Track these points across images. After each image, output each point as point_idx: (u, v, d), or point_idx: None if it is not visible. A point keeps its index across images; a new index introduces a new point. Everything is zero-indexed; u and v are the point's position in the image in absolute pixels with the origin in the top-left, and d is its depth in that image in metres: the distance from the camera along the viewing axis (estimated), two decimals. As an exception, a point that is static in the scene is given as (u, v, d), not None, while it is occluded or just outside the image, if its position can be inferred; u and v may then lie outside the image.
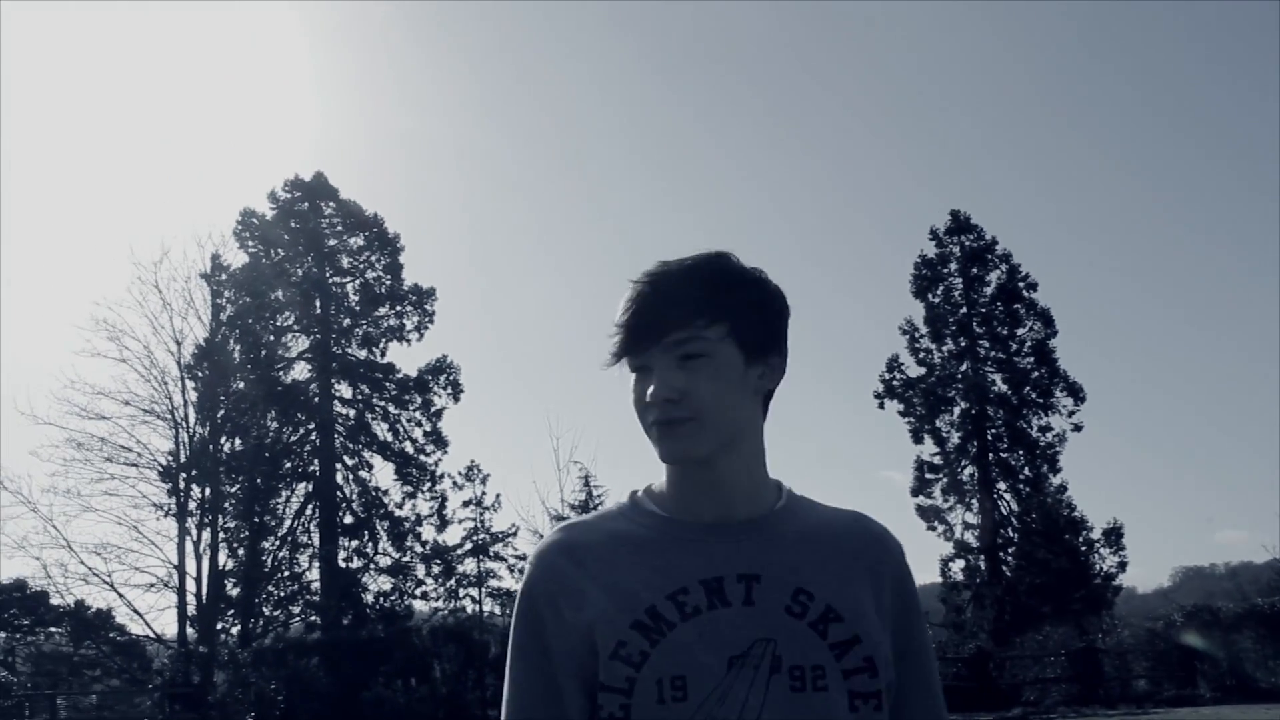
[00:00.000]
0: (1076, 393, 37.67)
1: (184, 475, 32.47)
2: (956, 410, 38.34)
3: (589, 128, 78.68)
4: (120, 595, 31.39)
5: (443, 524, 36.32)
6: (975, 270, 39.21)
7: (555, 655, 1.63)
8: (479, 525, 35.57)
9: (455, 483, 36.46)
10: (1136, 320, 74.40)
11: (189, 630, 31.74)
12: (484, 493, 35.94)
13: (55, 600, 31.66)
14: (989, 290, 39.10)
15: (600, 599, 1.60)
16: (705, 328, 1.58)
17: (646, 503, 1.69)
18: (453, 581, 35.45)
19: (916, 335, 39.12)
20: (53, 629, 32.40)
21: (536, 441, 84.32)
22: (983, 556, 36.68)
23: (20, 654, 31.81)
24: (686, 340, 1.58)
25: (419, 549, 36.12)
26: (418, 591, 35.66)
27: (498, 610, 34.40)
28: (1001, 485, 37.65)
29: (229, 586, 33.57)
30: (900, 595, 1.65)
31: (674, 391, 1.58)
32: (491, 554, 35.19)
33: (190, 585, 32.02)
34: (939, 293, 39.32)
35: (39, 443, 42.88)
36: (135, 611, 31.72)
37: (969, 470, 37.94)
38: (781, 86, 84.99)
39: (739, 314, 1.60)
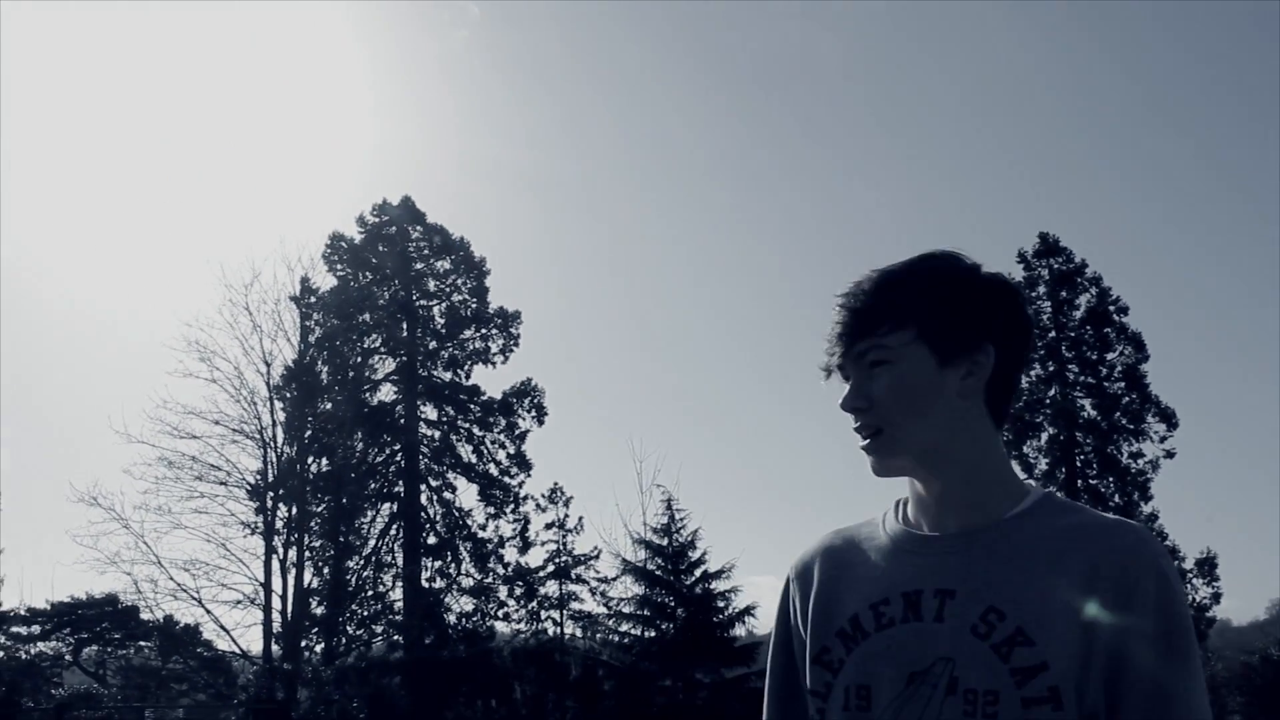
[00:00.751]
0: (1169, 418, 36.81)
1: (271, 494, 32.90)
2: (1044, 436, 37.66)
3: (673, 149, 78.85)
4: (208, 611, 31.81)
5: (525, 546, 36.38)
6: (1064, 294, 38.54)
7: (796, 657, 1.70)
8: (561, 548, 35.58)
9: (538, 505, 36.52)
10: (1230, 345, 72.59)
11: (274, 647, 32.10)
12: (566, 515, 35.94)
13: (145, 615, 32.11)
14: (1078, 314, 38.39)
15: (819, 605, 1.64)
16: (888, 334, 1.57)
17: (897, 511, 1.69)
18: (534, 603, 35.44)
19: (1004, 360, 38.52)
20: (142, 643, 32.90)
21: (619, 464, 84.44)
22: (1072, 586, 35.94)
23: (111, 667, 32.43)
24: (870, 349, 1.58)
25: (501, 570, 36.22)
26: (499, 613, 35.69)
27: (579, 633, 34.36)
28: (1091, 513, 36.88)
29: (314, 605, 33.90)
30: (1120, 613, 1.45)
31: (859, 400, 1.58)
32: (573, 576, 35.15)
33: (275, 603, 32.39)
34: (1027, 317, 38.69)
35: (132, 461, 43.70)
36: (222, 627, 32.12)
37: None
38: (865, 109, 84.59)
39: (929, 316, 1.57)
